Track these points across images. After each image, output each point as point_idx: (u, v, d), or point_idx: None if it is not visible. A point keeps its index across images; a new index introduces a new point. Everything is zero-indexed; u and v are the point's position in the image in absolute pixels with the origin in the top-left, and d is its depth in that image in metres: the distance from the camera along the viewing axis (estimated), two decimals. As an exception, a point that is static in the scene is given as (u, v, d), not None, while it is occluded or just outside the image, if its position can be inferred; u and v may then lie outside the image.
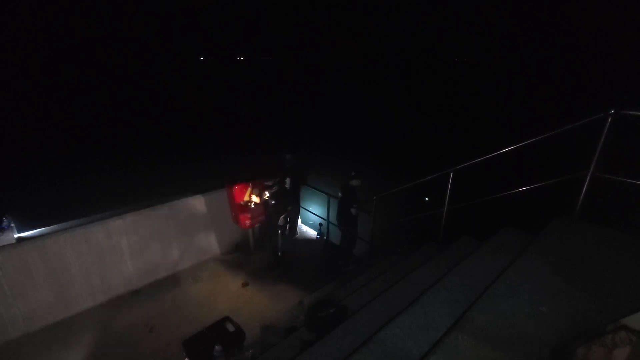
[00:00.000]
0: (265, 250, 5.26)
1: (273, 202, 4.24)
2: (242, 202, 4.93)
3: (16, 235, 4.12)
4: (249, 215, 4.99)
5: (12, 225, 4.19)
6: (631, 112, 2.21)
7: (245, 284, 4.40)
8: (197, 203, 4.72)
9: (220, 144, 12.43)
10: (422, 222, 4.21)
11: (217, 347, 2.76)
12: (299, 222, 6.32)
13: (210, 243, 4.98)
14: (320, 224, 5.74)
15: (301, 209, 6.16)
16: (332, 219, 5.48)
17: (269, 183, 4.28)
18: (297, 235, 5.87)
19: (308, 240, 5.81)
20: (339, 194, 4.56)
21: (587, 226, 2.63)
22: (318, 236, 5.79)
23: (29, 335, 3.53)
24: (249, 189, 4.65)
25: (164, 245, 4.44)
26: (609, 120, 2.29)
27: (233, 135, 13.93)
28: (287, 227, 4.51)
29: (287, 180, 5.16)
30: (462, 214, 3.57)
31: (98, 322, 3.75)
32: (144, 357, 3.36)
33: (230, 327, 3.03)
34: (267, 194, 4.27)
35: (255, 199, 4.47)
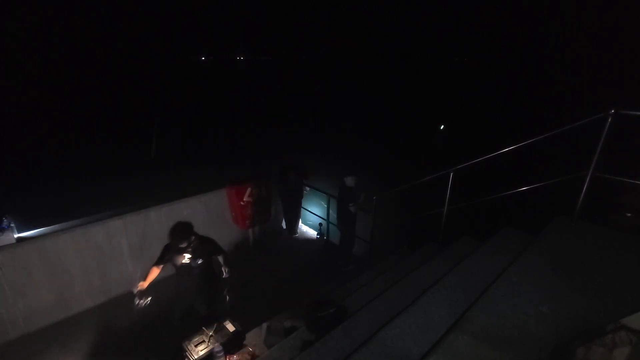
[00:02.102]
0: (265, 249, 5.27)
1: (200, 262, 3.09)
2: (241, 203, 4.93)
3: (16, 235, 4.11)
4: (248, 216, 5.01)
5: (12, 225, 4.18)
6: (631, 112, 2.22)
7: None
8: (197, 203, 4.71)
9: (220, 144, 12.42)
10: (422, 222, 4.21)
11: (217, 347, 2.77)
12: (299, 222, 6.33)
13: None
14: (320, 224, 5.74)
15: (301, 209, 6.19)
16: (332, 219, 5.49)
17: (183, 245, 2.98)
18: (297, 235, 5.88)
19: (308, 240, 5.81)
20: (338, 194, 4.59)
21: (587, 226, 2.63)
22: (318, 236, 5.79)
23: (29, 335, 3.53)
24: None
25: (164, 245, 4.43)
26: (609, 120, 2.29)
27: (233, 134, 13.93)
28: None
29: (292, 176, 5.19)
30: (462, 214, 3.57)
31: (98, 322, 3.75)
32: (144, 357, 3.36)
33: (230, 327, 3.03)
34: (186, 256, 3.03)
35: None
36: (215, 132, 14.90)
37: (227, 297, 3.41)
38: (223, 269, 3.24)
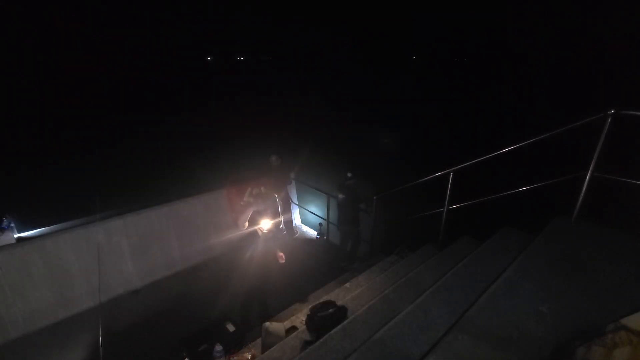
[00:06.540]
0: (265, 250, 5.25)
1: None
2: (241, 203, 4.93)
3: (16, 235, 4.11)
4: (249, 216, 5.00)
5: (12, 225, 4.18)
6: (631, 112, 2.22)
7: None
8: (197, 203, 4.72)
9: (220, 144, 12.42)
10: (422, 222, 4.21)
11: (217, 347, 2.77)
12: (299, 222, 6.34)
13: (210, 243, 4.98)
14: (320, 224, 5.74)
15: (301, 208, 6.20)
16: (332, 219, 5.48)
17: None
18: (297, 235, 5.88)
19: (308, 240, 5.81)
20: (340, 196, 4.54)
21: (587, 226, 2.63)
22: (318, 236, 5.79)
23: (29, 335, 3.53)
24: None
25: (164, 245, 4.44)
26: (609, 120, 2.29)
27: (233, 134, 13.93)
28: None
29: (272, 183, 5.21)
30: (462, 214, 3.58)
31: (98, 322, 3.74)
32: (144, 356, 3.36)
33: (230, 327, 3.04)
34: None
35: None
36: (215, 131, 14.89)
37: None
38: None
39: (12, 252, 3.43)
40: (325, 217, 5.59)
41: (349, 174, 4.46)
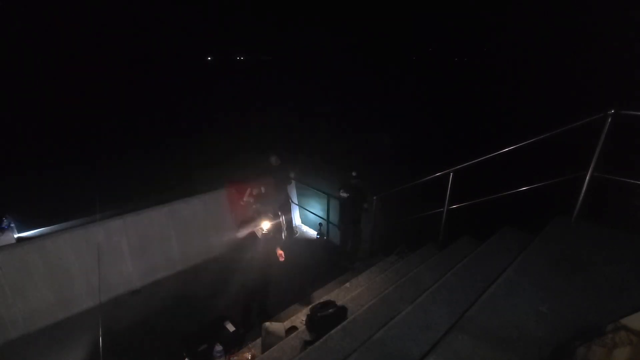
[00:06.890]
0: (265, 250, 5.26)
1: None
2: (241, 203, 4.94)
3: (16, 235, 4.12)
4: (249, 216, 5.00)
5: (12, 225, 4.19)
6: (631, 112, 2.22)
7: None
8: (197, 203, 4.71)
9: (220, 144, 12.43)
10: (422, 222, 4.21)
11: (217, 347, 2.77)
12: (299, 222, 6.34)
13: (210, 243, 4.98)
14: (320, 224, 5.74)
15: (301, 208, 6.20)
16: (332, 219, 5.48)
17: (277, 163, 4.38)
18: (296, 235, 5.88)
19: (308, 240, 5.81)
20: (344, 194, 4.55)
21: (587, 226, 2.63)
22: (318, 236, 5.79)
23: (29, 335, 3.53)
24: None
25: (164, 245, 4.44)
26: (609, 120, 2.29)
27: (233, 134, 13.93)
28: None
29: (272, 183, 5.23)
30: (462, 214, 3.58)
31: (98, 322, 3.74)
32: (144, 356, 3.36)
33: (230, 327, 3.04)
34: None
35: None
36: (215, 131, 14.89)
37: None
38: None
39: (12, 252, 3.43)
40: (325, 217, 5.59)
41: (354, 173, 4.47)
